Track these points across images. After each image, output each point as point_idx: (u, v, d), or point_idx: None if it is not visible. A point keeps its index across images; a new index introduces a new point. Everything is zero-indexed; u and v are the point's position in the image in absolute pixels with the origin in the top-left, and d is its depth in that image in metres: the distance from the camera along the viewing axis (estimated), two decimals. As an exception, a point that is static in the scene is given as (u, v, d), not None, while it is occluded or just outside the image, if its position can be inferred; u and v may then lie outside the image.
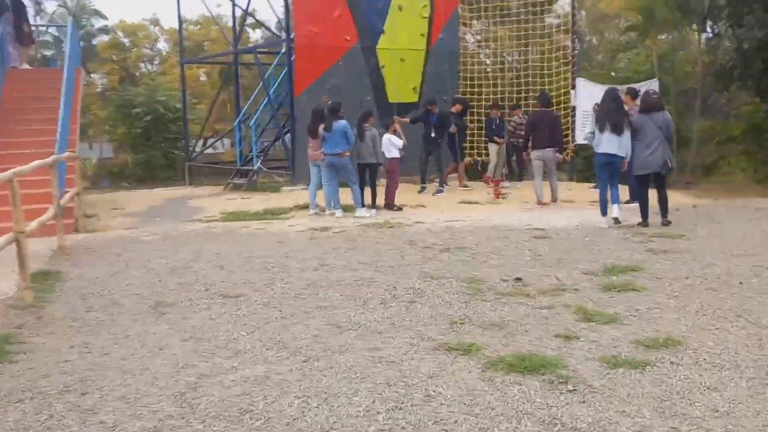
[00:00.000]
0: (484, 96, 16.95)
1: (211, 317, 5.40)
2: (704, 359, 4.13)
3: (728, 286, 5.82)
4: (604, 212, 9.27)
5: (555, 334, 4.72)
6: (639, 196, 9.15)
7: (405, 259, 7.36)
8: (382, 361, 4.31)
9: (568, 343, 4.52)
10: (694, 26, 19.56)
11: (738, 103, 22.40)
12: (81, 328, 5.22)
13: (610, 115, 9.02)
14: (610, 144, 9.00)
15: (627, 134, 8.99)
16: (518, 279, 6.24)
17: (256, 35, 36.24)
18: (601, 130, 9.04)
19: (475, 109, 16.66)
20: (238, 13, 19.25)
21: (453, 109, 14.09)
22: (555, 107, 15.24)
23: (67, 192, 10.12)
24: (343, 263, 7.20)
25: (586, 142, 15.66)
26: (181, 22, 20.81)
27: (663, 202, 9.01)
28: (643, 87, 14.13)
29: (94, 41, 41.88)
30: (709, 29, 17.75)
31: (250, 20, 28.64)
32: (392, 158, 11.68)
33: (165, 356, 4.52)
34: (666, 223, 8.90)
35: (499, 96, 16.93)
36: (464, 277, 6.41)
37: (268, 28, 30.01)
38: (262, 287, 6.27)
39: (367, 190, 11.46)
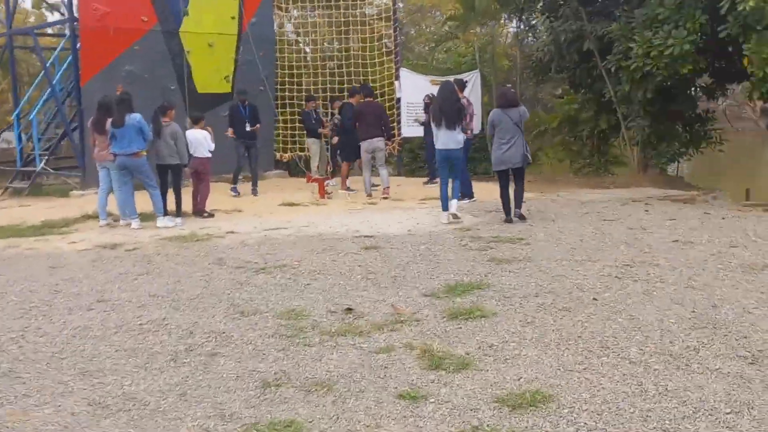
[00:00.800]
0: (304, 86, 15.85)
1: None
2: (584, 423, 3.26)
3: (582, 304, 5.11)
4: (445, 207, 8.93)
5: (397, 393, 3.66)
6: (500, 192, 8.81)
7: (210, 286, 5.99)
8: (160, 467, 2.99)
9: (415, 408, 3.48)
10: (508, 19, 19.78)
11: (545, 94, 23.14)
12: None
13: (443, 110, 8.73)
14: (445, 139, 8.74)
15: (461, 127, 8.80)
16: (349, 309, 5.13)
17: (56, 18, 31.97)
18: (438, 126, 8.75)
19: (295, 101, 15.50)
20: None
21: (352, 101, 12.37)
22: (379, 98, 14.49)
23: None
24: (128, 297, 5.68)
25: (411, 135, 15.25)
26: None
27: (518, 195, 8.82)
28: (467, 78, 13.82)
29: None
30: (524, 21, 17.80)
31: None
32: (203, 158, 10.17)
33: None
34: (519, 215, 8.68)
35: (320, 86, 15.89)
36: (283, 309, 5.20)
37: (61, 12, 26.45)
38: (7, 343, 4.62)
39: (171, 196, 9.82)
